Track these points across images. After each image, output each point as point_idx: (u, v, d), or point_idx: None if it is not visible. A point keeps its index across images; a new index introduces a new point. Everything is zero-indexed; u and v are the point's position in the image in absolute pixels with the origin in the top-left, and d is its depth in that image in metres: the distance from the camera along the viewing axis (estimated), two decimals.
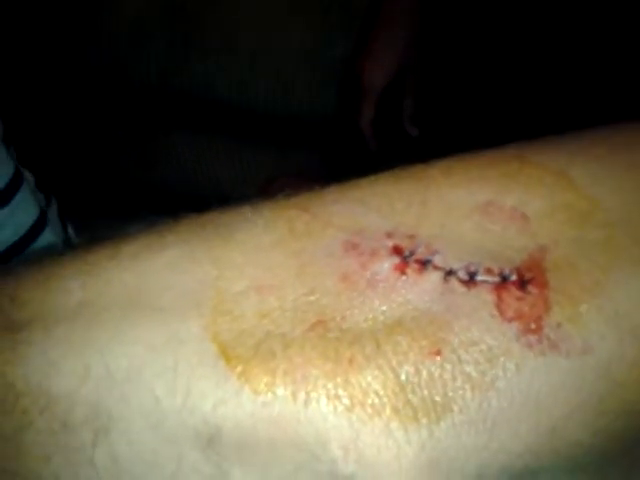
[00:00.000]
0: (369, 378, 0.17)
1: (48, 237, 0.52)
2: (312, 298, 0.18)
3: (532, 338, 0.17)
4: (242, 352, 0.17)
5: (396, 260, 0.19)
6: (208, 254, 0.19)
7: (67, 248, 0.21)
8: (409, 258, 0.19)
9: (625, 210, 0.19)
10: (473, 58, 0.76)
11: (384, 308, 0.18)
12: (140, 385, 0.17)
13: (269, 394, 0.17)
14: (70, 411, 0.16)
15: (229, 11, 0.83)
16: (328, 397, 0.17)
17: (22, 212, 0.49)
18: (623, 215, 0.19)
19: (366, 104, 0.79)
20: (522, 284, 0.18)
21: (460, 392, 0.17)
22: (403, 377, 0.17)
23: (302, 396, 0.17)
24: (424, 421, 0.17)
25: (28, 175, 0.53)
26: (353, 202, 0.20)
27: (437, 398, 0.17)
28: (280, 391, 0.17)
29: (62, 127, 0.84)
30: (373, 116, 0.80)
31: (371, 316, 0.18)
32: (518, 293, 0.17)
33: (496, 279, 0.18)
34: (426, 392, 0.17)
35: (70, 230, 0.60)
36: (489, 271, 0.18)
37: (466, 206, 0.19)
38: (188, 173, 0.87)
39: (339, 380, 0.17)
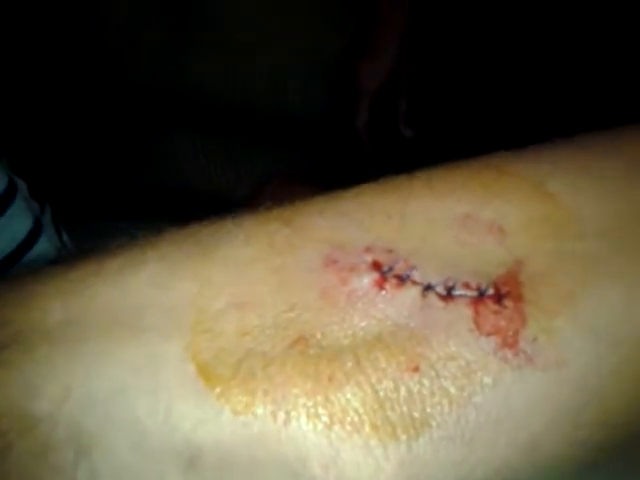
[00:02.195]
0: (348, 395, 0.17)
1: (43, 245, 0.52)
2: (292, 314, 0.18)
3: (508, 352, 0.17)
4: (222, 372, 0.17)
5: (375, 275, 0.19)
6: (188, 270, 0.19)
7: (47, 264, 0.21)
8: (388, 273, 0.19)
9: (603, 221, 0.19)
10: (467, 58, 0.76)
11: (363, 324, 0.18)
12: (122, 406, 0.17)
13: (249, 414, 0.17)
14: (51, 432, 0.17)
15: (223, 10, 0.83)
16: (308, 416, 0.17)
17: (17, 223, 0.49)
18: (601, 226, 0.19)
19: (361, 105, 0.79)
20: (499, 298, 0.18)
21: (438, 408, 0.17)
22: (382, 394, 0.17)
23: (282, 415, 0.17)
24: (403, 437, 0.17)
25: (21, 183, 0.53)
26: (335, 215, 0.20)
27: (415, 414, 0.17)
28: (260, 411, 0.17)
29: (55, 129, 0.84)
30: (368, 117, 0.80)
31: (351, 332, 0.18)
32: (495, 307, 0.18)
33: (473, 293, 0.18)
34: (405, 408, 0.17)
35: (65, 236, 0.60)
36: (467, 286, 0.18)
37: (446, 219, 0.20)
38: (184, 173, 0.87)
39: (319, 398, 0.17)
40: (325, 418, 0.17)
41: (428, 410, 0.17)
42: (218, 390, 0.17)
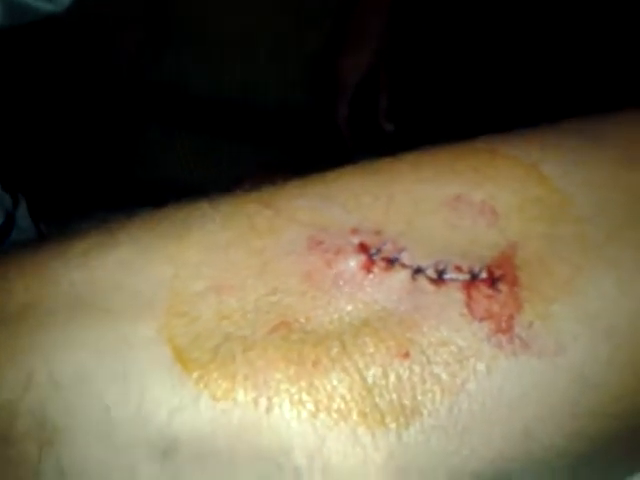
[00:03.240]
0: (334, 381, 0.16)
1: (17, 238, 0.50)
2: (274, 298, 0.17)
3: (503, 338, 0.16)
4: (199, 356, 0.16)
5: (362, 258, 0.18)
6: (163, 252, 0.18)
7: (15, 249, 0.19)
8: (376, 256, 0.18)
9: (597, 205, 0.18)
10: (446, 52, 0.75)
11: (350, 308, 0.17)
12: (88, 393, 0.16)
13: (229, 400, 0.16)
14: (12, 424, 0.15)
15: (201, 5, 0.82)
16: (291, 402, 0.16)
17: None
18: (595, 210, 0.18)
19: (341, 101, 0.78)
20: (492, 282, 0.17)
21: (429, 395, 0.16)
22: (370, 380, 0.16)
23: (264, 402, 0.16)
24: (392, 426, 0.16)
25: None
26: (318, 196, 0.19)
27: (406, 401, 0.16)
28: (240, 397, 0.16)
29: (31, 123, 0.82)
30: (348, 112, 0.79)
31: (337, 317, 0.17)
32: (488, 291, 0.17)
33: (465, 277, 0.17)
34: (394, 395, 0.16)
35: (43, 229, 0.58)
36: (458, 269, 0.17)
37: (434, 201, 0.19)
38: (162, 167, 0.85)
39: (303, 384, 0.16)
40: (310, 405, 0.16)
41: (419, 398, 0.16)
42: (196, 374, 0.16)
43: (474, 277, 0.17)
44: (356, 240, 0.18)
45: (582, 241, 0.18)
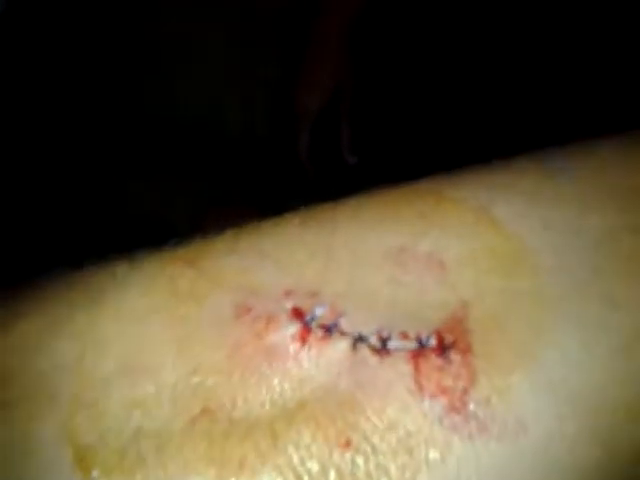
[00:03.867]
0: None
1: None
2: (196, 379, 0.15)
3: (457, 418, 0.14)
4: (105, 458, 0.14)
5: (297, 326, 0.16)
6: (70, 326, 0.16)
7: None
8: (311, 323, 0.16)
9: (556, 254, 0.16)
10: (408, 82, 0.74)
11: (283, 388, 0.15)
12: None
13: None
14: None
15: (161, 34, 0.80)
16: None
17: None
18: (554, 260, 0.16)
19: (301, 130, 0.77)
20: (443, 350, 0.15)
21: None
22: (306, 479, 0.14)
23: None
24: None
25: None
26: (249, 253, 0.17)
27: None
28: None
29: None
30: (309, 142, 0.77)
31: (268, 398, 0.15)
32: (438, 362, 0.15)
33: (412, 345, 0.15)
34: None
35: None
36: (404, 336, 0.15)
37: (376, 254, 0.17)
38: (122, 205, 0.82)
39: None
40: None
41: None
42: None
43: (422, 345, 0.15)
44: (289, 304, 0.16)
45: (541, 296, 0.15)
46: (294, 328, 0.16)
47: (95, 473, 0.14)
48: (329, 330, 0.15)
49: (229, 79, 0.82)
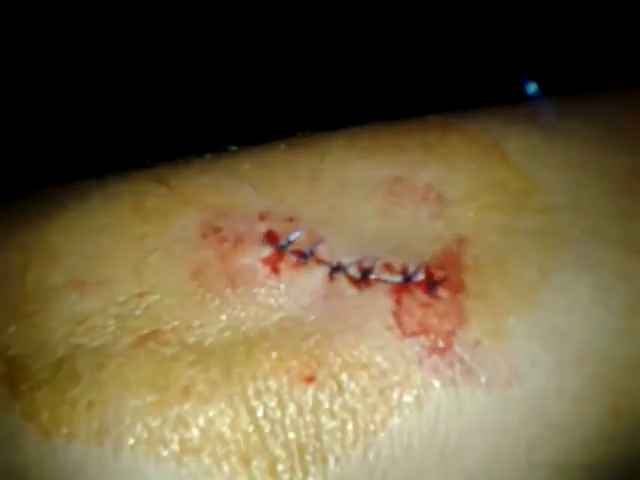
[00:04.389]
0: (211, 413, 0.12)
1: None
2: (150, 299, 0.13)
3: (439, 361, 0.12)
4: (35, 373, 0.12)
5: (268, 250, 0.14)
6: (19, 237, 0.14)
7: None
8: (285, 248, 0.14)
9: (573, 193, 0.14)
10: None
11: (248, 315, 0.13)
12: None
13: (61, 437, 0.12)
14: None
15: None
16: (148, 442, 0.12)
17: None
18: (570, 199, 0.14)
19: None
20: (430, 286, 0.13)
21: (338, 435, 0.12)
22: (260, 413, 0.12)
23: (110, 440, 0.12)
24: (285, 477, 0.12)
25: None
26: (226, 174, 0.15)
27: (306, 444, 0.12)
28: (80, 432, 0.12)
29: None
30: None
31: (228, 325, 0.13)
32: (424, 298, 0.13)
33: (397, 278, 0.13)
34: (292, 435, 0.12)
35: None
36: (388, 267, 0.13)
37: (368, 183, 0.15)
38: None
39: (168, 416, 0.12)
40: (174, 446, 0.12)
41: (325, 438, 0.12)
42: (26, 398, 0.12)
43: (407, 279, 0.13)
44: (263, 228, 0.14)
45: (550, 235, 0.14)
46: (265, 252, 0.14)
47: (24, 387, 0.12)
48: (304, 256, 0.14)
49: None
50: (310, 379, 0.12)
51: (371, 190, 0.15)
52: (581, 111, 0.17)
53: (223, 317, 0.13)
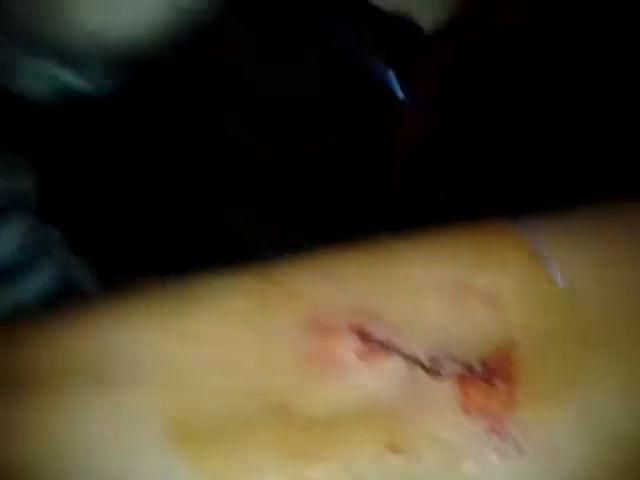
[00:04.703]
0: (317, 472, 0.16)
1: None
2: (273, 381, 0.17)
3: (498, 440, 0.15)
4: (197, 436, 0.16)
5: (358, 342, 0.17)
6: (170, 323, 0.18)
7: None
8: (371, 341, 0.17)
9: (603, 299, 0.17)
10: (495, 133, 0.74)
11: (345, 396, 0.17)
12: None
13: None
14: None
15: (253, 74, 0.84)
16: None
17: None
18: (601, 304, 0.17)
19: (395, 163, 0.78)
20: (488, 376, 0.16)
21: None
22: (355, 471, 0.15)
23: None
24: None
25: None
26: (322, 274, 0.19)
27: None
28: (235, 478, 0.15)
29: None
30: (402, 174, 0.79)
31: (328, 402, 0.17)
32: (484, 386, 0.16)
33: (460, 369, 0.16)
34: None
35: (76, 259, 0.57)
36: (454, 359, 0.17)
37: (435, 286, 0.18)
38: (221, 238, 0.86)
39: (290, 471, 0.15)
40: None
41: None
42: (191, 451, 0.16)
43: (470, 370, 0.16)
44: (353, 322, 0.18)
45: (586, 337, 0.17)
46: (356, 343, 0.17)
47: (185, 442, 0.16)
48: (387, 348, 0.17)
49: (324, 120, 0.84)
50: (396, 449, 0.16)
51: (437, 292, 0.18)
52: (610, 223, 0.20)
53: (327, 396, 0.17)
